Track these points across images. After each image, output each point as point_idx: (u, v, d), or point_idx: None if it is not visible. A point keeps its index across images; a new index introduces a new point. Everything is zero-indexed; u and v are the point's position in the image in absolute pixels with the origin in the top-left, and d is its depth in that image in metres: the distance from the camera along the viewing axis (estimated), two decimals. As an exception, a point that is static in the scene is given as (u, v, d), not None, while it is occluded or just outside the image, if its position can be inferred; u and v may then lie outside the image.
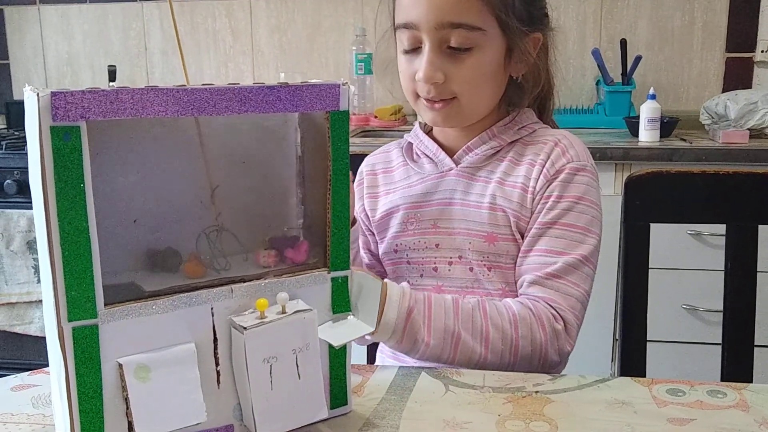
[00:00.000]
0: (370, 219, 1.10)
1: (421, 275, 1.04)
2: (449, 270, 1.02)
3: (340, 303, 0.74)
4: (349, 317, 0.75)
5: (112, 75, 2.58)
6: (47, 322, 0.65)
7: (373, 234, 1.11)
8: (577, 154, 0.99)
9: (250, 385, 0.67)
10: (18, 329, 2.13)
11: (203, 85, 0.64)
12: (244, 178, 0.74)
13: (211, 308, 0.67)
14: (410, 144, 1.10)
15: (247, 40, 2.65)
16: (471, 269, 1.01)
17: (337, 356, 0.74)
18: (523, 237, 0.98)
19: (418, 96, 1.00)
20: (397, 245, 1.05)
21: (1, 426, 0.74)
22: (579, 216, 0.96)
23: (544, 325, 0.90)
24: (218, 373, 0.68)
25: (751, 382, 0.99)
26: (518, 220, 0.98)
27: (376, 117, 2.41)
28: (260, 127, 0.75)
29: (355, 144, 2.01)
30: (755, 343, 1.05)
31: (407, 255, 1.05)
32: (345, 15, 2.56)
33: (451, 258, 1.02)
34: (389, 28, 1.04)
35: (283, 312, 0.69)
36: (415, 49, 0.97)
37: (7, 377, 0.85)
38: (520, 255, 0.98)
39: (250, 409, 0.68)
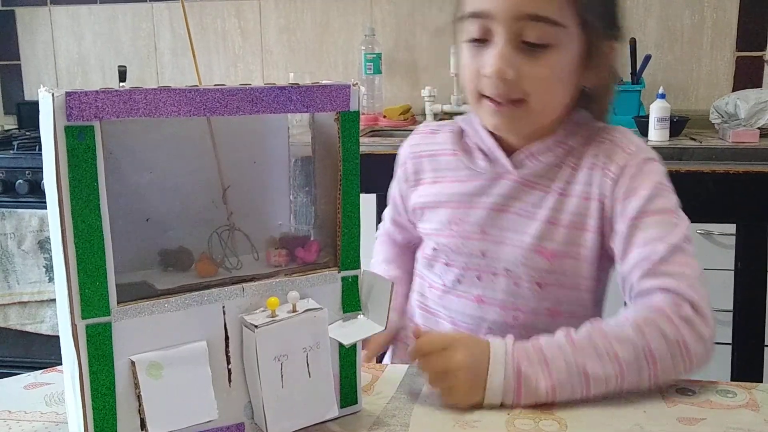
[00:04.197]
0: (406, 207, 1.04)
1: (460, 281, 0.97)
2: (493, 282, 0.94)
3: (351, 302, 0.75)
4: (359, 316, 0.75)
5: (122, 75, 2.59)
6: (61, 320, 0.66)
7: (402, 225, 1.07)
8: (637, 147, 0.91)
9: (261, 384, 0.68)
10: (29, 328, 2.15)
11: (215, 85, 0.64)
12: (255, 178, 0.74)
13: (223, 307, 0.68)
14: (461, 131, 1.00)
15: (257, 40, 2.66)
16: (517, 284, 0.92)
17: (348, 355, 0.75)
18: (582, 252, 0.90)
19: (481, 96, 0.89)
20: (437, 244, 0.98)
21: (15, 424, 0.75)
22: (664, 200, 0.87)
23: (670, 316, 0.78)
24: (229, 371, 0.69)
25: (761, 381, 0.98)
26: (582, 233, 0.89)
27: (385, 117, 2.41)
28: (271, 127, 0.75)
29: (364, 144, 2.02)
30: (765, 343, 1.05)
31: (447, 256, 0.97)
32: (354, 15, 2.57)
33: (496, 269, 0.93)
34: (451, 21, 0.93)
35: (294, 311, 0.69)
36: (482, 41, 0.87)
37: (20, 376, 0.86)
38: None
39: (261, 407, 0.68)
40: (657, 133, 2.16)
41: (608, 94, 0.94)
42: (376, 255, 1.15)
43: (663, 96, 2.17)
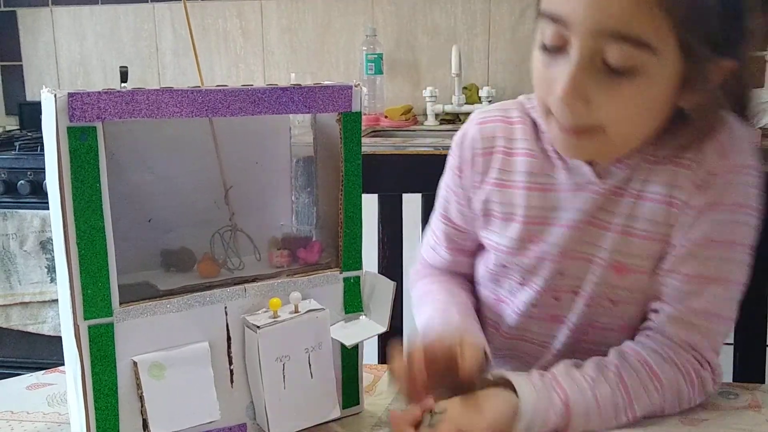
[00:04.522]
0: (470, 205, 0.88)
1: (535, 305, 0.85)
2: (573, 301, 0.83)
3: (353, 303, 0.75)
4: (361, 317, 0.75)
5: (123, 76, 2.59)
6: (63, 320, 0.66)
7: (460, 229, 0.91)
8: (740, 149, 0.76)
9: (263, 384, 0.68)
10: (31, 328, 2.15)
11: (217, 86, 0.64)
12: (257, 179, 0.75)
13: (225, 307, 0.68)
14: (535, 124, 0.84)
15: (258, 40, 2.66)
16: (596, 302, 0.82)
17: (350, 356, 0.75)
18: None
19: (549, 113, 0.74)
20: (507, 262, 0.86)
21: (18, 424, 0.75)
22: (735, 229, 0.75)
23: (693, 379, 0.75)
24: (231, 371, 0.69)
25: (763, 382, 0.98)
26: (660, 245, 0.78)
27: (386, 117, 2.41)
28: (273, 128, 0.75)
29: (365, 144, 2.01)
30: (767, 344, 1.05)
31: (521, 276, 0.85)
32: (355, 15, 2.57)
33: (577, 288, 0.82)
34: (530, 6, 0.76)
35: (296, 311, 0.69)
36: (557, 49, 0.71)
37: (22, 376, 0.86)
38: (659, 272, 0.78)
39: (263, 408, 0.68)
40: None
41: (711, 121, 0.75)
42: (424, 291, 0.93)
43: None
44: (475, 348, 0.71)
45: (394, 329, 0.75)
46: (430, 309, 0.86)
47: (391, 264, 1.15)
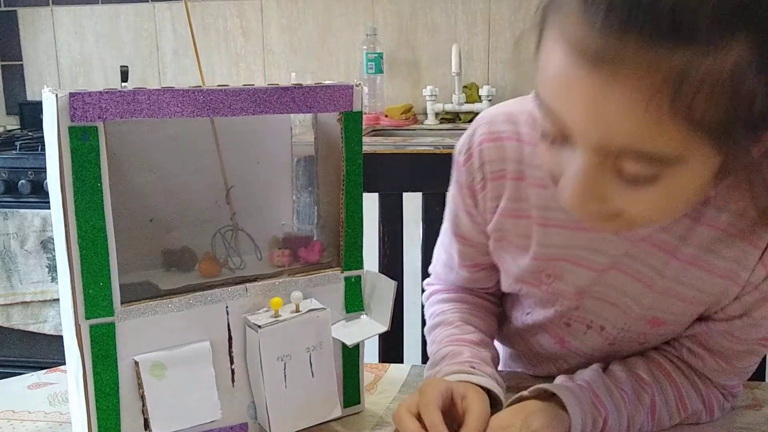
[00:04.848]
0: (482, 227, 0.79)
1: (543, 327, 0.81)
2: (584, 333, 0.78)
3: (354, 302, 0.75)
4: (362, 316, 0.75)
5: (124, 75, 2.59)
6: (64, 320, 0.66)
7: (478, 246, 0.81)
8: None
9: (265, 384, 0.68)
10: (32, 328, 2.15)
11: (218, 86, 0.64)
12: (258, 178, 0.75)
13: (226, 307, 0.68)
14: None
15: (258, 40, 2.66)
16: (610, 344, 0.77)
17: (351, 355, 0.75)
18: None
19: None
20: (520, 289, 0.80)
21: (19, 424, 0.75)
22: None
23: (713, 411, 0.74)
24: (233, 371, 0.69)
25: (763, 380, 0.98)
26: (708, 310, 0.71)
27: (386, 116, 2.41)
28: (274, 128, 0.75)
29: (366, 143, 2.01)
30: (768, 343, 1.04)
31: (533, 305, 0.81)
32: (356, 14, 2.57)
33: (591, 322, 0.77)
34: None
35: (297, 311, 0.69)
36: (561, 140, 0.59)
37: (24, 375, 0.86)
38: (703, 321, 0.73)
39: (264, 408, 0.68)
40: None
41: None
42: (438, 320, 0.84)
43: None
44: (479, 403, 0.68)
45: (395, 329, 0.75)
46: (438, 345, 0.79)
47: (392, 263, 1.15)
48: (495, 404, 0.70)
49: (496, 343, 0.86)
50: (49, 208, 0.64)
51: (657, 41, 0.49)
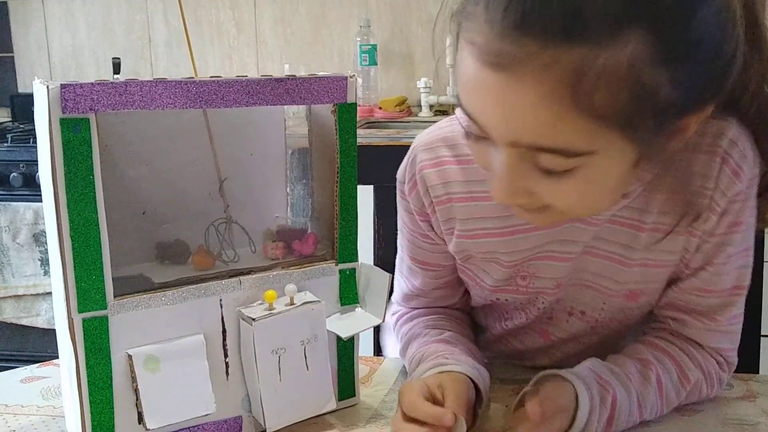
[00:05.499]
0: (443, 248, 0.80)
1: (524, 328, 0.83)
2: (567, 321, 0.81)
3: (348, 295, 0.75)
4: (356, 309, 0.75)
5: (116, 67, 2.58)
6: (57, 314, 0.65)
7: (440, 270, 0.83)
8: (750, 166, 0.70)
9: (259, 377, 0.67)
10: (25, 321, 2.14)
11: (211, 77, 0.64)
12: (252, 171, 0.74)
13: (220, 300, 0.68)
14: None
15: (251, 32, 2.65)
16: (592, 326, 0.80)
17: (345, 348, 0.75)
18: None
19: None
20: (496, 299, 0.81)
21: (12, 418, 0.75)
22: (748, 236, 0.73)
23: (713, 381, 0.76)
24: (227, 364, 0.69)
25: (757, 372, 0.99)
26: (676, 269, 0.75)
27: (380, 108, 2.41)
28: (267, 119, 0.75)
29: (360, 135, 2.00)
30: (762, 334, 1.05)
31: (509, 312, 0.83)
32: (349, 6, 2.56)
33: (572, 309, 0.80)
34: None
35: (292, 304, 0.69)
36: (485, 139, 0.62)
37: (17, 369, 0.86)
38: (679, 287, 0.76)
39: (259, 401, 0.68)
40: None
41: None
42: (410, 335, 0.83)
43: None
44: (455, 383, 0.69)
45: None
46: (411, 358, 0.79)
47: (387, 255, 1.15)
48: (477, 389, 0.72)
49: None
50: (41, 200, 0.63)
51: (551, 41, 0.52)
